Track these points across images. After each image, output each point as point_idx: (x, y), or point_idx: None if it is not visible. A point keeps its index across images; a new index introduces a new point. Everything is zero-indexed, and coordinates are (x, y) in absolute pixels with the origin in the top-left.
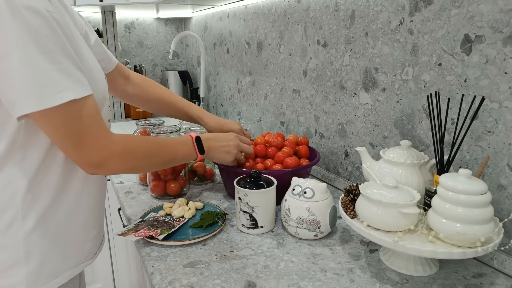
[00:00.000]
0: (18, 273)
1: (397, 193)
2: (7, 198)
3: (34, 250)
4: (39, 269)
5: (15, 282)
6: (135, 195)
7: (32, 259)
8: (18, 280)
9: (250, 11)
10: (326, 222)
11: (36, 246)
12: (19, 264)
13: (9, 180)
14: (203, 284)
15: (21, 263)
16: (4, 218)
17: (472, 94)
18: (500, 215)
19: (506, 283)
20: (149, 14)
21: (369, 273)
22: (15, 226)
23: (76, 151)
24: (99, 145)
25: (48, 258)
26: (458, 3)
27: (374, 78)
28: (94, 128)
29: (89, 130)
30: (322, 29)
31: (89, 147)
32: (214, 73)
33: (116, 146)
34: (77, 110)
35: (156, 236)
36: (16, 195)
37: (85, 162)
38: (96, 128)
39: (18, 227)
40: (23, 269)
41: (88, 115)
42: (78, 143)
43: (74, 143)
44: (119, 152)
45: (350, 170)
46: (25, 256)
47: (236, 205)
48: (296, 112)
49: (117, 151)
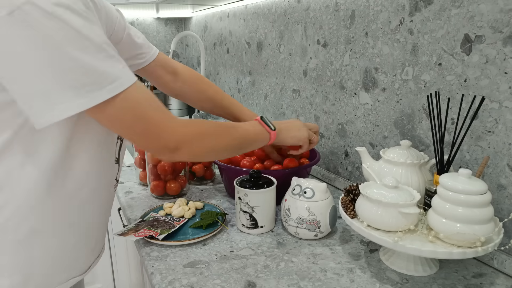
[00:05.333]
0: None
1: (397, 193)
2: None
3: (20, 263)
4: (24, 284)
5: None
6: (135, 195)
7: (17, 272)
8: None
9: (250, 11)
10: (326, 222)
11: (22, 259)
12: (1, 277)
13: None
14: (203, 284)
15: (4, 275)
16: None
17: (472, 94)
18: (500, 215)
19: (506, 283)
20: (149, 14)
21: (369, 273)
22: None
23: (148, 139)
24: (170, 128)
25: (35, 272)
26: (458, 3)
27: (374, 78)
28: (158, 111)
29: (154, 114)
30: (322, 29)
31: (161, 132)
32: (214, 73)
33: (187, 127)
34: (133, 97)
35: (156, 236)
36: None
37: (160, 148)
38: (160, 111)
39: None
40: (6, 281)
41: (146, 99)
42: (147, 130)
43: (143, 131)
44: (192, 132)
45: (350, 170)
46: (10, 268)
47: (236, 205)
48: (296, 112)
49: (191, 131)
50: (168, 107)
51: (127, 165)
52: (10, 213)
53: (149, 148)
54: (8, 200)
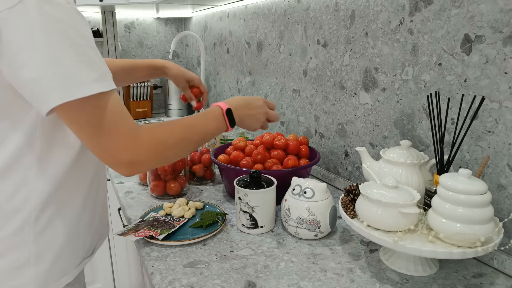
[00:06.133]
0: (28, 274)
1: (397, 193)
2: (21, 199)
3: (44, 251)
4: (49, 269)
5: (24, 282)
6: (135, 195)
7: (42, 260)
8: (28, 281)
9: (250, 11)
10: (326, 222)
11: (45, 247)
12: (28, 265)
13: (24, 181)
14: (203, 284)
15: (30, 263)
16: (16, 220)
17: (472, 94)
18: (500, 215)
19: (506, 283)
20: (149, 14)
21: (369, 273)
22: (26, 227)
23: (105, 151)
24: (127, 142)
25: (57, 257)
26: (458, 3)
27: (374, 78)
28: (121, 125)
29: (116, 127)
30: (322, 29)
31: (118, 145)
32: (214, 73)
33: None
34: (103, 105)
35: (156, 236)
36: (30, 197)
37: (117, 162)
38: (123, 125)
39: (29, 229)
40: (33, 269)
41: (115, 112)
42: (107, 141)
43: (103, 142)
44: (147, 146)
45: (350, 170)
46: (35, 256)
47: (236, 205)
48: (296, 112)
49: (145, 145)
50: (168, 107)
51: None
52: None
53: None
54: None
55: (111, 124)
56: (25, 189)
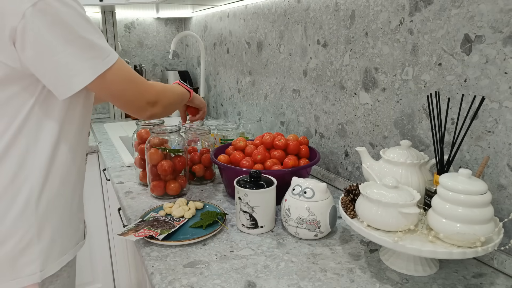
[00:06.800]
0: (34, 251)
1: (397, 193)
2: (21, 179)
3: (45, 228)
4: (50, 246)
5: (31, 259)
6: (135, 195)
7: (44, 237)
8: (33, 258)
9: (250, 11)
10: (326, 222)
11: (47, 224)
12: (32, 243)
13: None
14: (203, 284)
15: (34, 241)
16: (20, 199)
17: (472, 94)
18: (500, 215)
19: (506, 283)
20: (149, 14)
21: (369, 273)
22: (30, 206)
23: (138, 97)
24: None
25: (57, 235)
26: (458, 3)
27: (374, 78)
28: (137, 75)
29: (137, 77)
30: (322, 29)
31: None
32: (214, 73)
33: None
34: (121, 66)
35: (156, 236)
36: (32, 176)
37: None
38: (138, 75)
39: (33, 207)
40: (37, 247)
41: (129, 67)
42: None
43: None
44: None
45: (350, 170)
46: (37, 234)
47: (236, 205)
48: (296, 112)
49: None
50: None
51: (127, 165)
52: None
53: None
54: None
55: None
56: (24, 169)
